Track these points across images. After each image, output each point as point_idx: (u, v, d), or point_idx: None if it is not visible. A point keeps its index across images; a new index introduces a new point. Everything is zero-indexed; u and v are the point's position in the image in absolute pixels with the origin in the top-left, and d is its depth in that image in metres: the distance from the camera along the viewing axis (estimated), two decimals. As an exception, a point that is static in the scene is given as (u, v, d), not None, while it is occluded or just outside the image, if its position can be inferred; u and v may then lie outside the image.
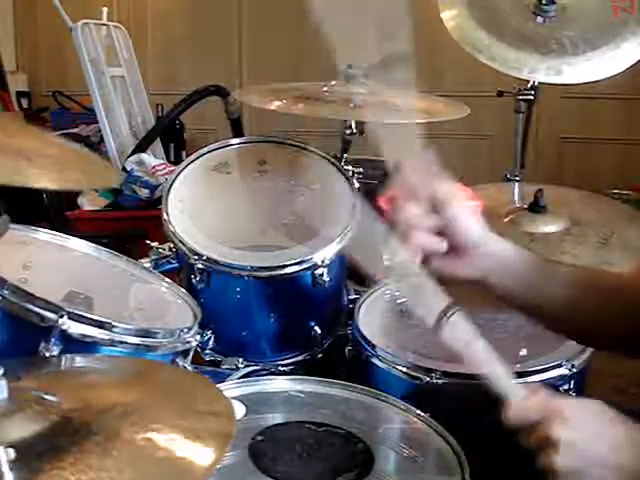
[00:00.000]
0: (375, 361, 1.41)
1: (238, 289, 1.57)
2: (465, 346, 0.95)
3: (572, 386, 1.36)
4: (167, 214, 1.60)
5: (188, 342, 1.32)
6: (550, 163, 3.89)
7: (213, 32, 4.52)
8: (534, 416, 0.87)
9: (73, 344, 1.13)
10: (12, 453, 0.71)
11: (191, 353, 1.36)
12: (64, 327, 1.12)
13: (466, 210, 1.03)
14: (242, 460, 1.06)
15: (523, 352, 1.39)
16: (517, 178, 2.03)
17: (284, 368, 1.61)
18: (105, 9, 3.66)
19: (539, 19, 1.81)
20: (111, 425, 0.79)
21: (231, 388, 1.27)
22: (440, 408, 1.27)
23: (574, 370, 1.36)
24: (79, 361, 1.06)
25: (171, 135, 3.75)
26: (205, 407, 0.88)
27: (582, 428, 0.86)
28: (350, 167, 1.73)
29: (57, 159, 0.83)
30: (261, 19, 4.47)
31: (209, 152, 1.73)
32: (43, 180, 0.75)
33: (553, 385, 1.33)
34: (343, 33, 1.07)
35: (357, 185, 1.68)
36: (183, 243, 1.55)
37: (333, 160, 1.73)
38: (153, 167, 2.90)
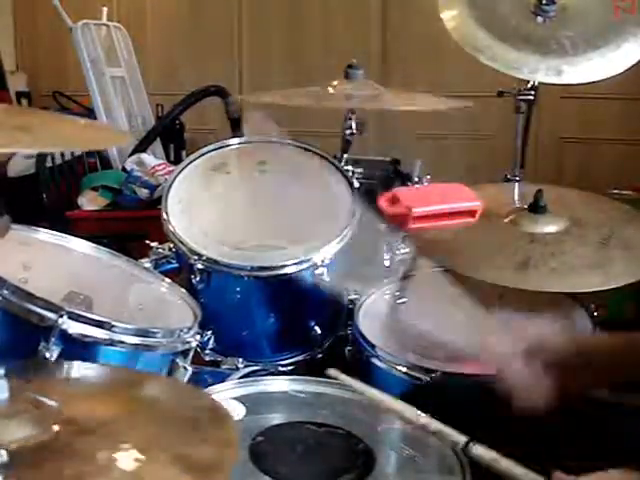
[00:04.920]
0: (375, 361, 1.41)
1: (238, 289, 1.57)
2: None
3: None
4: (167, 214, 1.60)
5: (188, 342, 1.32)
6: (550, 163, 3.89)
7: (213, 32, 4.52)
8: None
9: (73, 344, 1.13)
10: (5, 456, 0.71)
11: (191, 353, 1.36)
12: (64, 327, 1.12)
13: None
14: (242, 460, 1.06)
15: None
16: (517, 178, 2.03)
17: (284, 368, 1.60)
18: (105, 9, 3.66)
19: (539, 19, 1.81)
20: (102, 442, 0.78)
21: (231, 388, 1.27)
22: (440, 408, 1.27)
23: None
24: (76, 369, 1.04)
25: (171, 135, 3.75)
26: (204, 438, 0.84)
27: None
28: (350, 167, 1.73)
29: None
30: (261, 19, 4.47)
31: (209, 152, 1.73)
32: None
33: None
34: None
35: (357, 185, 1.68)
36: (183, 243, 1.55)
37: (333, 160, 1.72)
38: (153, 167, 2.90)
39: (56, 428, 0.78)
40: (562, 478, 0.92)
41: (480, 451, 1.01)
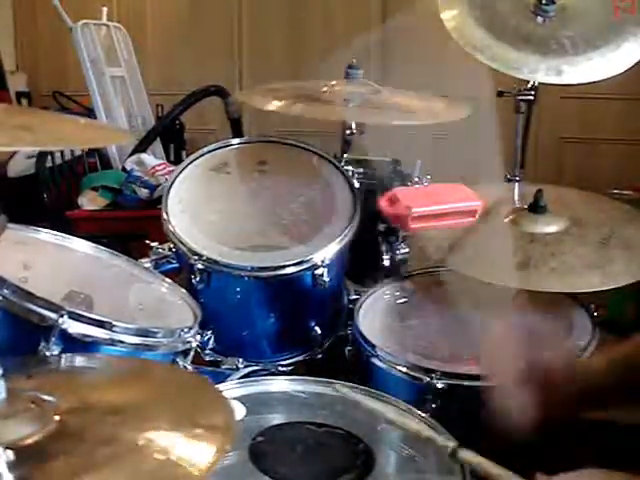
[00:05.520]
0: (375, 361, 1.41)
1: (238, 289, 1.57)
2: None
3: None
4: (167, 214, 1.60)
5: (188, 342, 1.32)
6: (550, 163, 3.89)
7: (213, 32, 4.52)
8: None
9: (73, 344, 1.13)
10: (11, 454, 0.71)
11: (191, 353, 1.36)
12: (64, 326, 1.12)
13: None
14: (242, 460, 1.06)
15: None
16: (517, 178, 2.04)
17: (284, 368, 1.60)
18: (105, 9, 3.66)
19: (539, 19, 1.81)
20: (107, 427, 0.79)
21: (231, 388, 1.26)
22: (440, 408, 1.27)
23: (574, 370, 1.35)
24: (78, 361, 1.06)
25: (171, 135, 3.75)
26: (204, 409, 0.87)
27: None
28: (350, 167, 1.73)
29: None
30: (261, 19, 4.47)
31: (209, 152, 1.73)
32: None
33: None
34: None
35: (357, 185, 1.68)
36: (183, 243, 1.55)
37: (333, 160, 1.73)
38: (153, 167, 2.90)
39: (56, 423, 0.78)
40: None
41: (467, 455, 1.01)
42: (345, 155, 1.80)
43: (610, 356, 1.11)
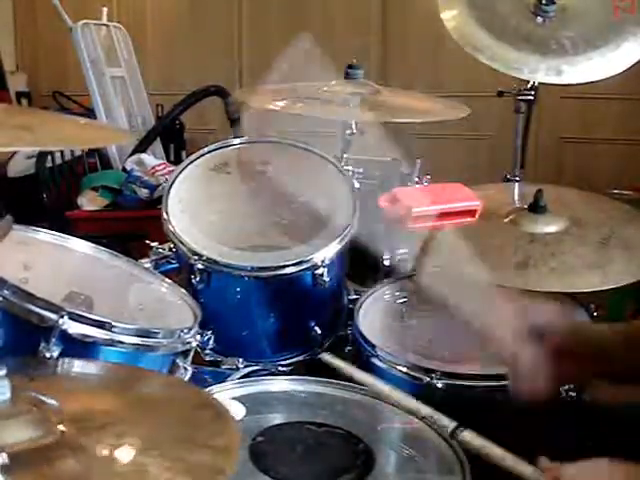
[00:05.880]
0: (375, 361, 1.41)
1: (238, 289, 1.57)
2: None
3: (572, 385, 1.36)
4: (167, 214, 1.60)
5: (188, 342, 1.32)
6: (550, 163, 3.89)
7: (213, 32, 4.52)
8: None
9: (73, 344, 1.13)
10: (5, 458, 0.71)
11: (191, 353, 1.36)
12: (64, 327, 1.12)
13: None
14: (242, 460, 1.06)
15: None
16: (517, 178, 2.04)
17: (284, 368, 1.60)
18: (105, 9, 3.67)
19: (539, 19, 1.81)
20: (108, 436, 0.79)
21: (231, 388, 1.27)
22: (440, 408, 1.27)
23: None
24: (79, 366, 1.05)
25: (171, 135, 3.76)
26: (205, 438, 0.85)
27: None
28: (350, 167, 1.73)
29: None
30: (261, 19, 4.47)
31: (209, 152, 1.73)
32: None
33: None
34: None
35: (357, 185, 1.68)
36: (183, 243, 1.55)
37: (333, 160, 1.73)
38: (153, 167, 2.91)
39: (59, 429, 0.78)
40: (548, 466, 0.94)
41: (468, 437, 1.02)
42: (345, 155, 1.80)
43: (612, 327, 1.13)
